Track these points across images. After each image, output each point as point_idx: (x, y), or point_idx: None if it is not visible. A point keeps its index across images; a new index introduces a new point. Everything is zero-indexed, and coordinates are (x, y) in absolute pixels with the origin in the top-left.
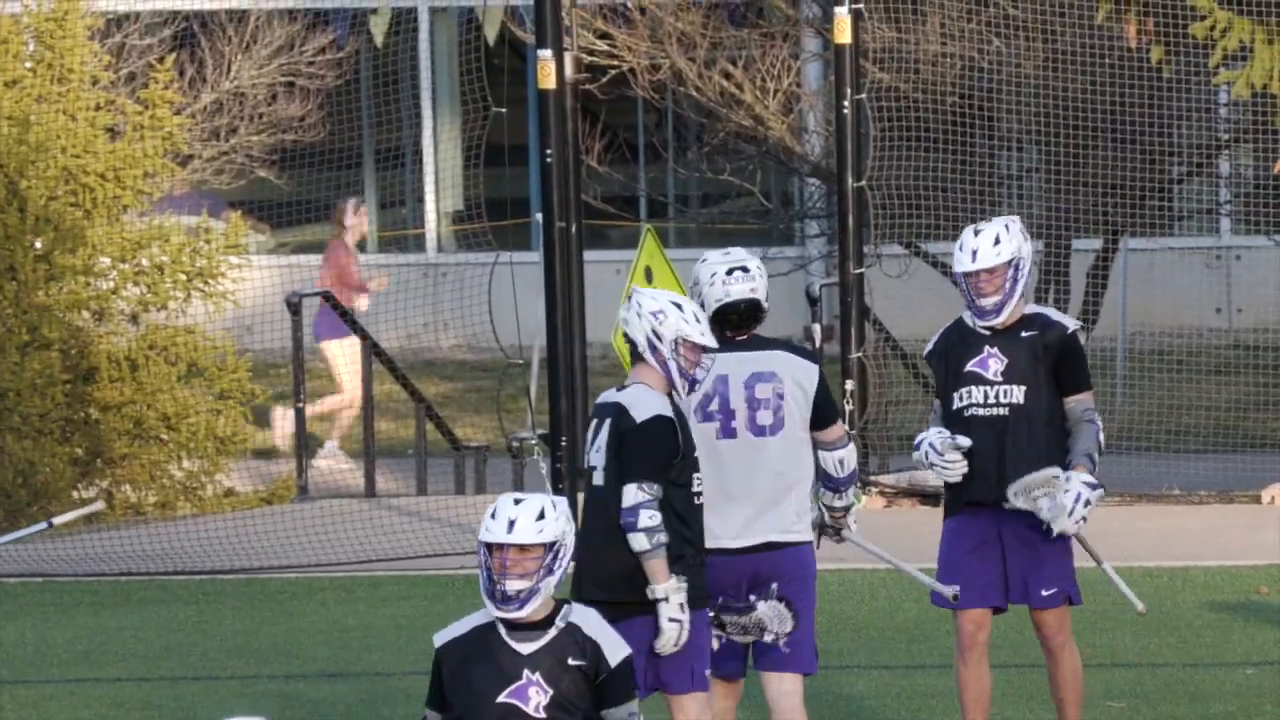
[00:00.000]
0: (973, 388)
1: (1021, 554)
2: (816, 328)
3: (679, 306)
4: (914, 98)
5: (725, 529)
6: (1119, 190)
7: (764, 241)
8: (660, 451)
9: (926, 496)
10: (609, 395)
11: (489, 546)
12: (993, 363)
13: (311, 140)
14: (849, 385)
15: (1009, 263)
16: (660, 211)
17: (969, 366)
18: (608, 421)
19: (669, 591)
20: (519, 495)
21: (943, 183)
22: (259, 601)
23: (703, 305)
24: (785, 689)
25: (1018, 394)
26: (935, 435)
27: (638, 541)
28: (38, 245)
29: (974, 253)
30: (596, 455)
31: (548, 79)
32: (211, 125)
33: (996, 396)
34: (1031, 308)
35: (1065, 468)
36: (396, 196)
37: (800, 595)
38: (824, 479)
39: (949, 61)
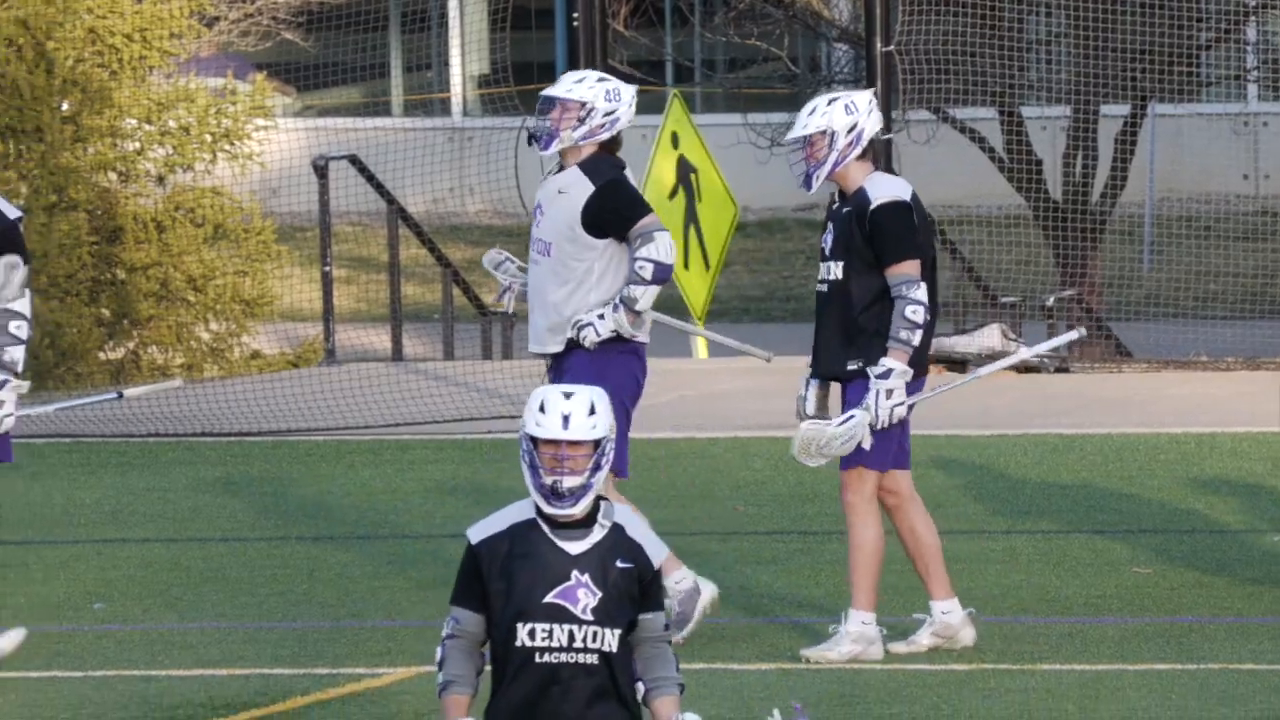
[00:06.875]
0: (820, 265)
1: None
2: None
3: None
4: None
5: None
6: (1146, 55)
7: (791, 106)
8: None
9: None
10: None
11: (537, 441)
12: (828, 238)
13: (337, 2)
14: None
15: (822, 133)
16: (687, 76)
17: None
18: None
19: None
20: (566, 388)
21: (971, 48)
22: (287, 464)
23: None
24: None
25: (836, 270)
26: None
27: None
28: (64, 106)
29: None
30: None
31: None
32: None
33: (825, 272)
34: (874, 178)
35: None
36: (422, 60)
37: None
38: None
39: None
